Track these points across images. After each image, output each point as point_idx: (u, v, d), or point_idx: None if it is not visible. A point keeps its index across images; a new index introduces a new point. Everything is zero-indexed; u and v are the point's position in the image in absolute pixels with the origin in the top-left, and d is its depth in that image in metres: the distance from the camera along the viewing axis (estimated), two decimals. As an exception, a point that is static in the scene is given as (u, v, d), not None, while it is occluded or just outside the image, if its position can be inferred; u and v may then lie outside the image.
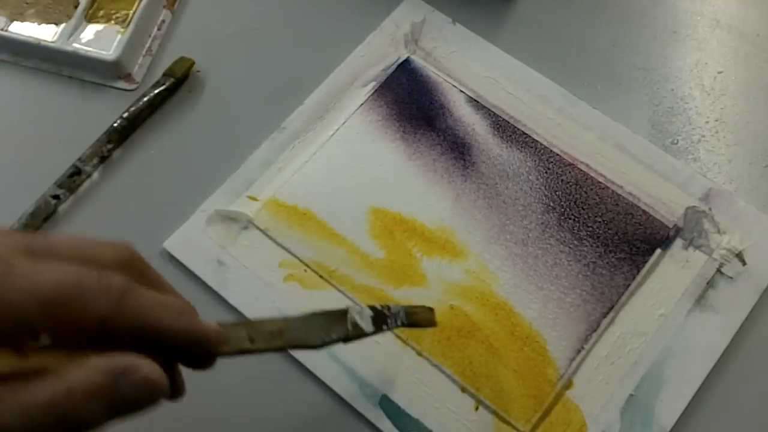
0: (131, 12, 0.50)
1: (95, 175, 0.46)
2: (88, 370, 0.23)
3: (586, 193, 0.44)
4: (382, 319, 0.32)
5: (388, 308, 0.33)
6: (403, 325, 0.34)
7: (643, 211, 0.43)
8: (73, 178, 0.45)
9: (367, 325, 0.31)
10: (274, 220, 0.43)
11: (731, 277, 0.41)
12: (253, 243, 0.43)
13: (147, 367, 0.24)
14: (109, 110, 0.47)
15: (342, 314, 0.31)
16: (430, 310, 0.36)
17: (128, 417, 0.24)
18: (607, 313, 0.41)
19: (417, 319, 0.35)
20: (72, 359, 0.23)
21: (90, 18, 0.50)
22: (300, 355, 0.40)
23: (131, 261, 0.26)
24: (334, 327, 0.30)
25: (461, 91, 0.47)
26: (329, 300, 0.41)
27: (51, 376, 0.23)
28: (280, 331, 0.28)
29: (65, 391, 0.23)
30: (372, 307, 0.32)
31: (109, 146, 0.46)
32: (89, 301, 0.23)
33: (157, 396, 0.24)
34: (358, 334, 0.31)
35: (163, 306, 0.25)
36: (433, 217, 0.43)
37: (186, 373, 0.41)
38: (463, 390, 0.39)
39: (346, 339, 0.31)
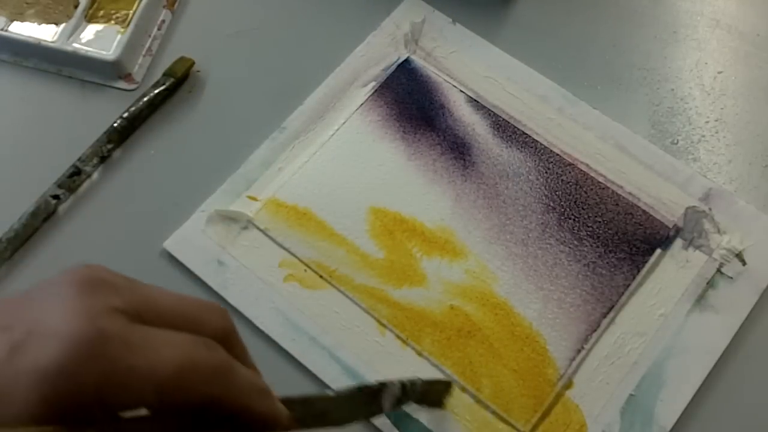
0: (131, 12, 0.50)
1: (95, 175, 0.46)
2: None
3: (586, 193, 0.44)
4: (401, 398, 0.34)
5: (413, 384, 0.35)
6: (415, 402, 0.36)
7: (643, 211, 0.43)
8: (73, 178, 0.45)
9: (387, 405, 0.33)
10: (274, 220, 0.43)
11: (731, 277, 0.41)
12: (253, 243, 0.43)
13: None
14: (109, 110, 0.47)
15: (377, 393, 0.33)
16: (447, 387, 0.38)
17: None
18: (607, 313, 0.41)
19: (432, 399, 0.38)
20: None
21: (90, 18, 0.50)
22: (300, 355, 0.40)
23: (229, 332, 0.26)
24: (363, 409, 0.32)
25: (461, 91, 0.47)
26: (329, 300, 0.41)
27: None
28: (324, 413, 0.30)
29: None
30: (402, 385, 0.34)
31: (109, 146, 0.46)
32: (200, 384, 0.23)
33: None
34: (378, 413, 0.33)
35: (257, 390, 0.25)
36: (433, 217, 0.43)
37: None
38: (463, 390, 0.39)
39: (366, 418, 0.34)
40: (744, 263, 0.42)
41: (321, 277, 0.42)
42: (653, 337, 0.40)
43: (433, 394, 0.38)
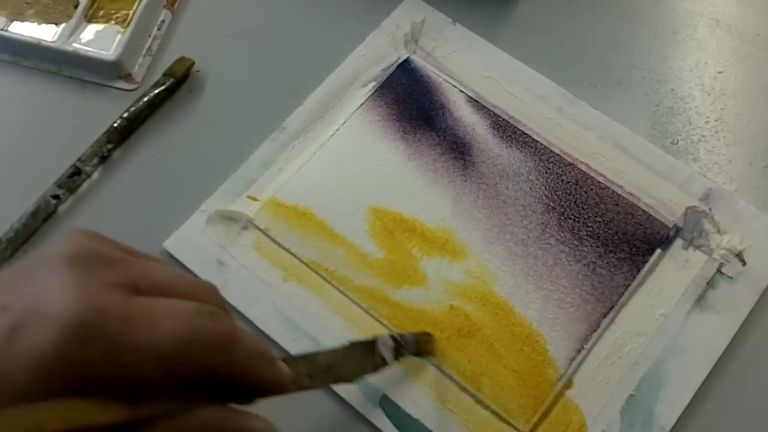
0: (131, 12, 0.50)
1: (95, 175, 0.46)
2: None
3: (586, 193, 0.44)
4: (398, 350, 0.36)
5: (402, 337, 0.37)
6: (412, 354, 0.38)
7: (643, 211, 0.43)
8: (73, 178, 0.45)
9: (389, 357, 0.35)
10: (274, 220, 0.43)
11: (731, 277, 0.41)
12: (253, 243, 0.43)
13: (258, 425, 0.25)
14: (109, 110, 0.47)
15: (372, 345, 0.35)
16: (430, 337, 0.40)
17: None
18: (607, 313, 0.41)
19: (422, 349, 0.39)
20: (180, 407, 0.23)
21: (90, 18, 0.50)
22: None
23: (222, 304, 0.26)
24: (367, 361, 0.34)
25: (461, 91, 0.47)
26: (329, 300, 0.41)
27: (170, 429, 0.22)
28: (329, 367, 0.31)
29: None
30: (392, 337, 0.36)
31: (109, 146, 0.46)
32: (203, 356, 0.23)
33: None
34: (383, 365, 0.35)
35: (260, 356, 0.25)
36: (433, 217, 0.43)
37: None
38: (463, 390, 0.39)
39: (374, 371, 0.34)
40: (744, 263, 0.42)
41: (321, 277, 0.42)
42: (653, 337, 0.40)
43: (423, 344, 0.39)
